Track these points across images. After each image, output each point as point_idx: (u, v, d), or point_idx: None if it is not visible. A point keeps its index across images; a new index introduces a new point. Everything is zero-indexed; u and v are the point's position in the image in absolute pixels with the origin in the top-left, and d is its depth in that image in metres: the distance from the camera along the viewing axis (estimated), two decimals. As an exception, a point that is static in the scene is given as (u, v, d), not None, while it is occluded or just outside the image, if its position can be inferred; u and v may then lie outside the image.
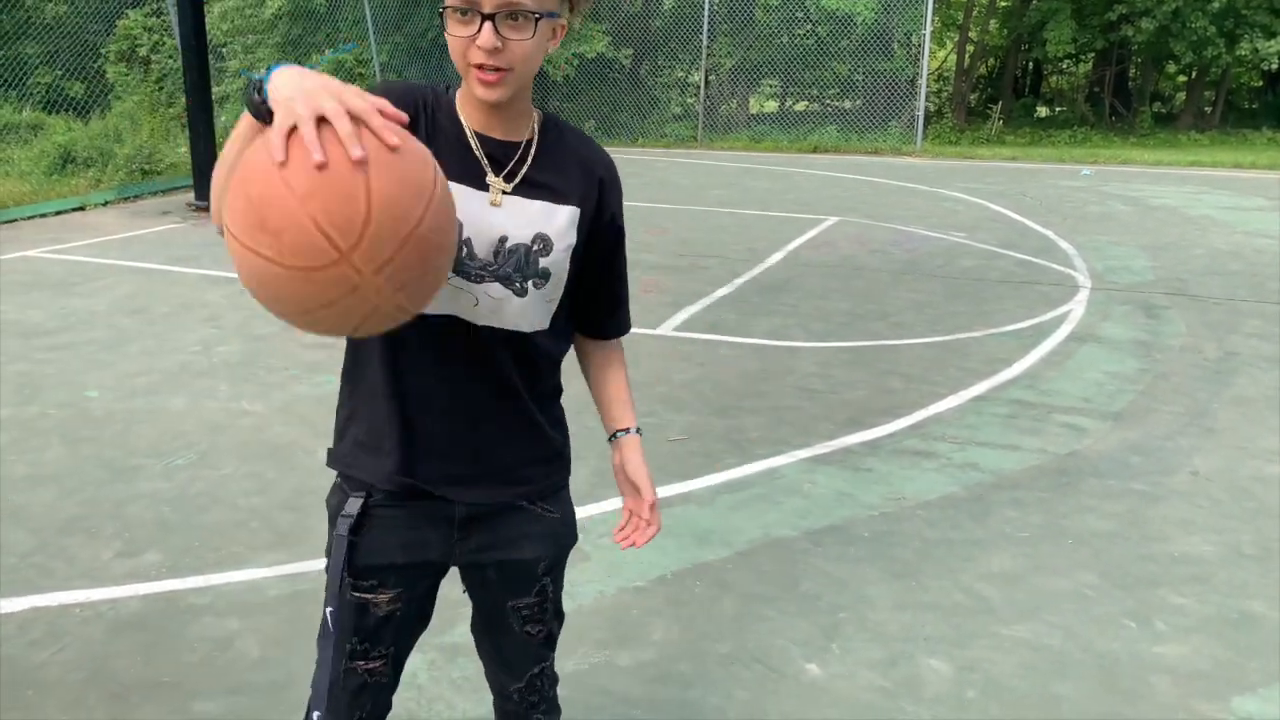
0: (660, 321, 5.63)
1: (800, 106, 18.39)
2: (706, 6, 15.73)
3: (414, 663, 2.56)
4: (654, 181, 11.68)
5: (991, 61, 22.21)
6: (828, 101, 17.91)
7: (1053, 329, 5.69)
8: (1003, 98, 19.45)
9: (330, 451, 1.57)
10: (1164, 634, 2.73)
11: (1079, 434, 4.16)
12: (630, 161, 13.19)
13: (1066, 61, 20.93)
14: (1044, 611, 2.83)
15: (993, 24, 20.29)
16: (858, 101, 16.78)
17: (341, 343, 1.53)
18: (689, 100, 17.16)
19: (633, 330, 1.70)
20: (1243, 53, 16.16)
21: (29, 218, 9.01)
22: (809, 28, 16.68)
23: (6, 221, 8.81)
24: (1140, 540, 3.27)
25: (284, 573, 3.02)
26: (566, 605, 1.69)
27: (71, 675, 2.50)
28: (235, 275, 1.06)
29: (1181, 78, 20.64)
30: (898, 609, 2.84)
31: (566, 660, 2.40)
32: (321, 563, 1.54)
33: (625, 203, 1.59)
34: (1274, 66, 17.01)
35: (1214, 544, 3.24)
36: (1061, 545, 3.22)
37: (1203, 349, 5.35)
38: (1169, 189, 11.53)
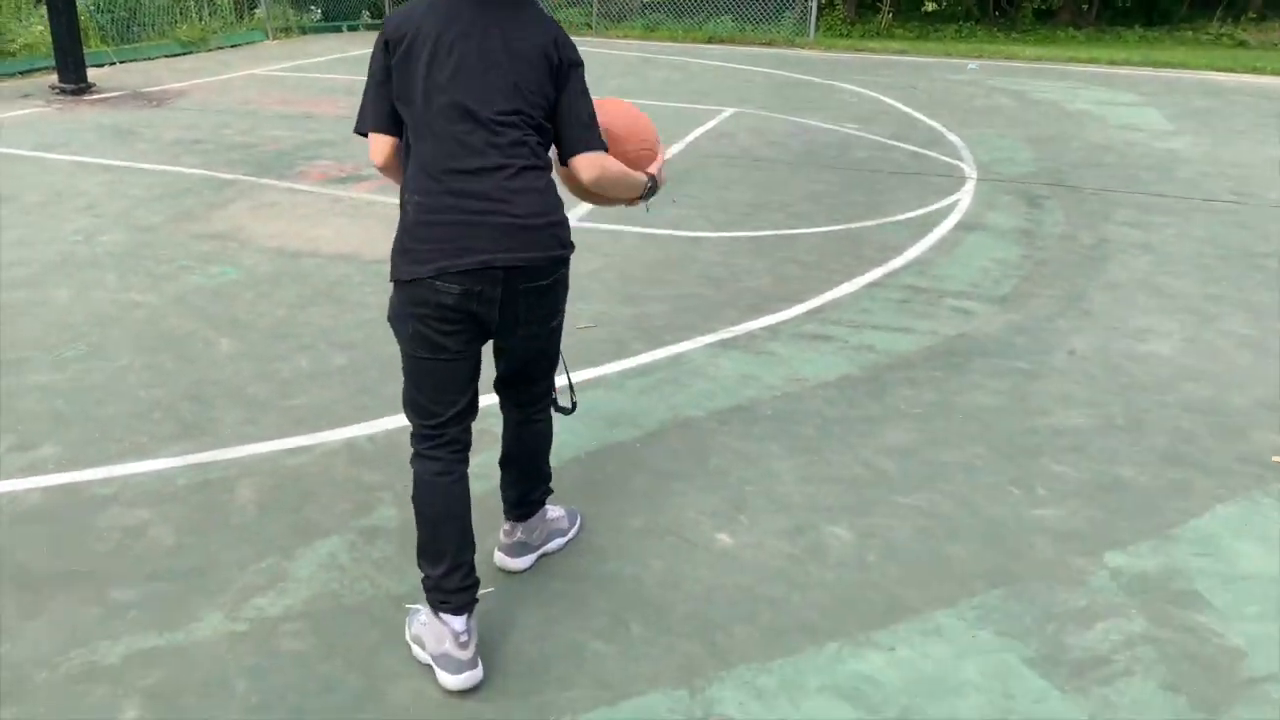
0: (562, 211, 5.59)
1: (694, -6, 18.07)
2: (599, -115, 15.20)
3: (334, 545, 2.59)
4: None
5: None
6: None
7: (942, 218, 5.88)
8: (892, -10, 19.52)
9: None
10: (1044, 499, 2.94)
11: (967, 317, 4.36)
12: (523, 48, 12.82)
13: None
14: (937, 481, 3.01)
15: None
16: (752, -10, 16.59)
17: (235, 231, 1.50)
18: (582, -15, 16.68)
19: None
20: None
21: None
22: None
23: None
24: (1024, 414, 3.48)
25: (191, 462, 2.98)
26: (482, 488, 1.73)
27: (-23, 568, 2.45)
28: (110, 162, 1.03)
29: (1061, -26, 21.01)
30: (801, 482, 2.99)
31: (487, 536, 2.46)
32: (231, 451, 1.54)
33: None
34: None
35: (1089, 416, 3.48)
36: (952, 420, 3.41)
37: (1079, 236, 5.62)
38: (1049, 84, 11.86)
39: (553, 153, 2.15)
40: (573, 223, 2.21)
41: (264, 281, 4.49)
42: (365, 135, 2.11)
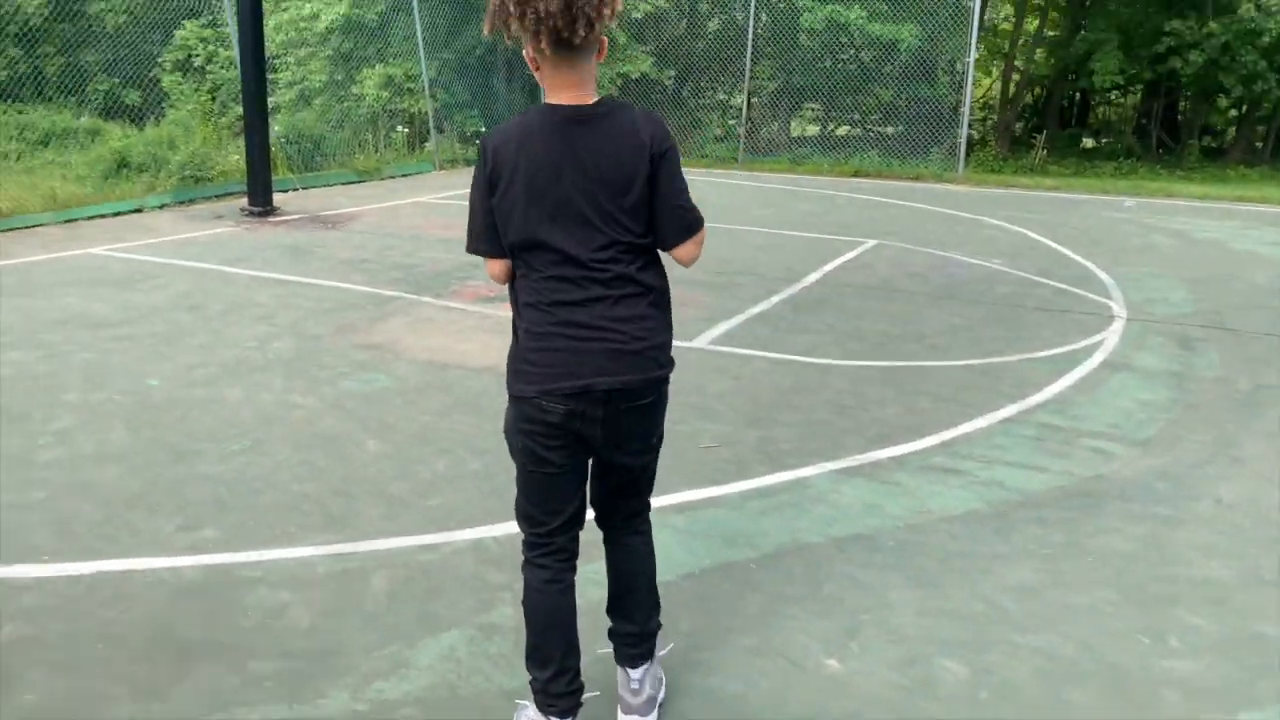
0: (695, 335, 5.77)
1: (842, 130, 18.49)
2: (750, 30, 15.91)
3: (454, 638, 2.72)
4: (693, 200, 11.84)
5: (1038, 91, 22.22)
6: (870, 126, 18.00)
7: (1085, 356, 5.76)
8: (1048, 127, 19.45)
9: None
10: (1177, 650, 2.81)
11: (1106, 458, 4.24)
12: (672, 180, 13.35)
13: (1115, 93, 20.88)
14: (1060, 623, 2.92)
15: (1039, 53, 20.33)
16: (900, 127, 16.85)
17: (391, 343, 1.68)
18: (730, 122, 17.32)
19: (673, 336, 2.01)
20: (1294, 88, 16.07)
21: (89, 218, 9.35)
22: (852, 53, 16.80)
23: (68, 220, 9.15)
24: (1160, 562, 3.35)
25: (333, 552, 3.18)
26: (595, 598, 1.82)
27: (138, 633, 2.68)
28: (286, 278, 1.20)
29: (1233, 112, 20.51)
30: (918, 614, 2.95)
31: (594, 645, 2.54)
32: (369, 544, 1.69)
33: None
34: (1326, 104, 16.90)
35: (1233, 569, 3.31)
36: (1082, 563, 3.31)
37: (1236, 381, 5.40)
38: (1214, 223, 11.51)
39: None
40: (704, 345, 2.38)
41: (413, 390, 4.79)
42: (475, 254, 2.23)
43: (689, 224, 2.23)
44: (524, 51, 2.07)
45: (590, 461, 2.30)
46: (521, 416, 2.17)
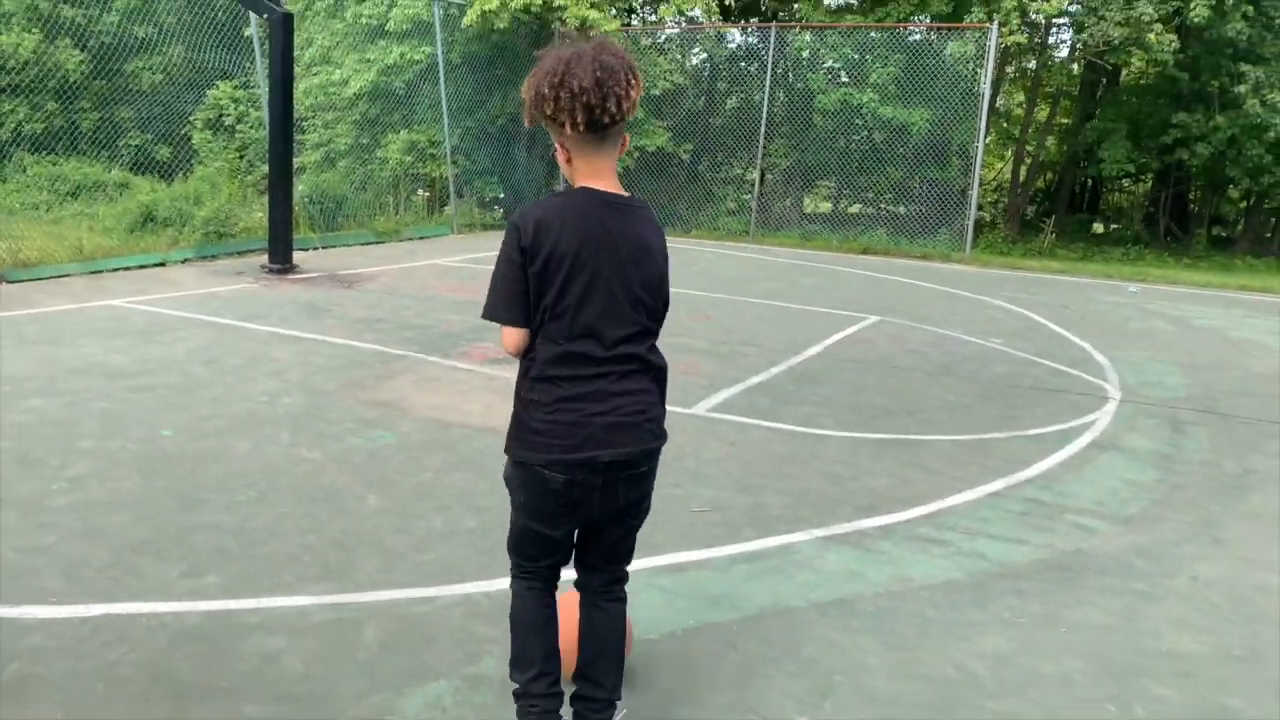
0: (695, 401, 5.92)
1: (854, 209, 18.83)
2: (765, 108, 16.33)
3: (441, 688, 2.82)
4: (703, 271, 12.09)
5: (1049, 176, 22.59)
6: (881, 205, 18.33)
7: (1076, 436, 5.87)
8: (1057, 212, 19.74)
9: None
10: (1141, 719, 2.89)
11: (1087, 534, 4.33)
12: (682, 250, 13.65)
13: (1126, 180, 21.21)
14: (1029, 690, 3.01)
15: (1050, 140, 20.72)
16: (911, 207, 17.17)
17: (398, 401, 1.84)
18: (744, 196, 17.68)
19: (667, 408, 2.21)
20: (1302, 180, 16.33)
21: (114, 270, 9.63)
22: (865, 134, 17.19)
23: (93, 272, 9.43)
24: (1133, 634, 3.43)
25: (329, 601, 3.30)
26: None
27: (138, 675, 2.80)
28: (301, 335, 1.36)
29: (1243, 203, 20.78)
30: (891, 677, 3.04)
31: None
32: (364, 595, 1.83)
33: (675, 290, 2.19)
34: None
35: (1204, 644, 3.39)
36: (1055, 633, 3.40)
37: (1222, 464, 5.49)
38: (1215, 310, 11.65)
39: None
40: (703, 412, 2.56)
41: (415, 447, 4.94)
42: (493, 321, 2.36)
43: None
44: (555, 145, 2.28)
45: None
46: (521, 477, 2.36)
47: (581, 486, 2.29)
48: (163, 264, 10.22)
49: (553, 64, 2.15)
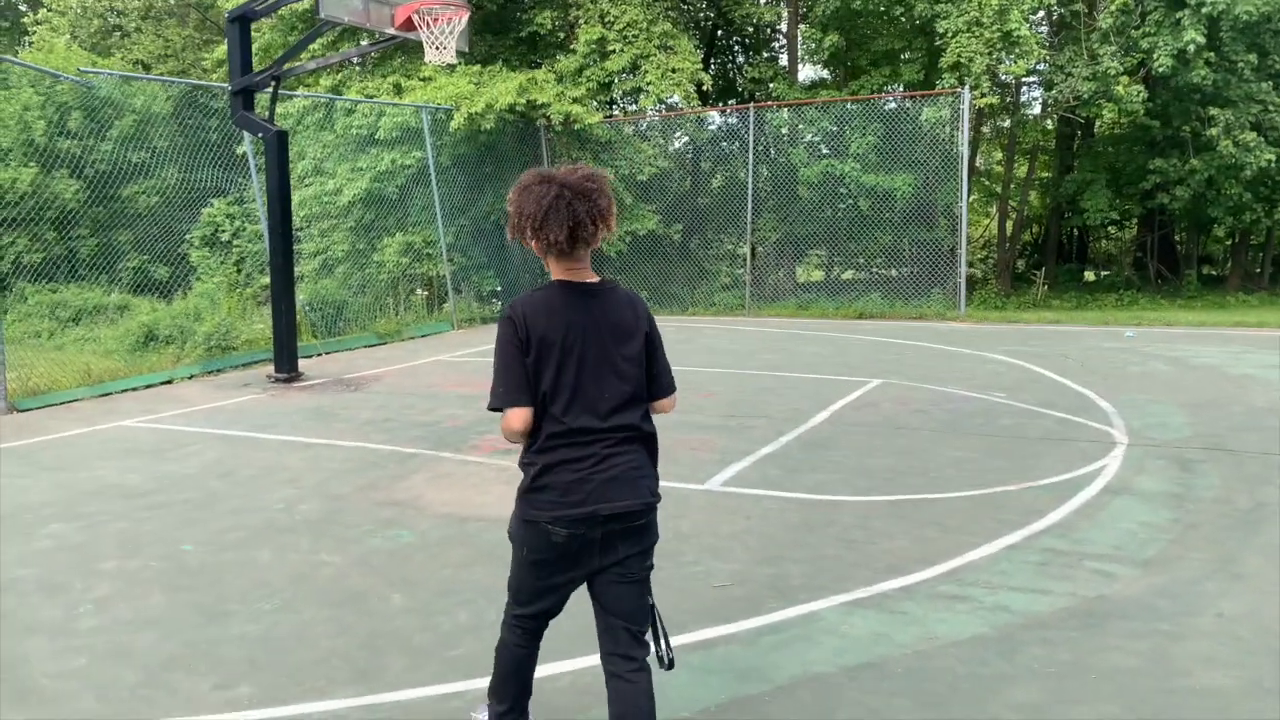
0: (708, 478, 5.97)
1: (847, 275, 19.08)
2: (750, 185, 16.68)
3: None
4: (703, 348, 12.21)
5: (1036, 229, 22.92)
6: (873, 269, 18.57)
7: (1087, 482, 5.90)
8: (1047, 263, 19.99)
9: None
10: (1182, 762, 2.89)
11: (1108, 579, 4.35)
12: (681, 329, 13.81)
13: (1111, 227, 21.52)
14: (1066, 740, 3.01)
15: (1032, 194, 21.09)
16: (902, 269, 17.40)
17: (413, 499, 1.92)
18: (737, 271, 17.93)
19: (681, 485, 2.40)
20: (1283, 215, 16.60)
21: (122, 390, 9.74)
22: (850, 202, 17.51)
23: (102, 394, 9.54)
24: (1164, 675, 3.44)
25: (361, 703, 3.32)
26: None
27: (178, 788, 2.80)
28: (312, 441, 1.46)
29: (1228, 241, 21.05)
30: (927, 737, 3.05)
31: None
32: (395, 695, 1.89)
33: (677, 367, 2.47)
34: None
35: (1235, 679, 3.40)
36: (1085, 680, 3.40)
37: (1235, 500, 5.52)
38: (1211, 349, 11.75)
39: None
40: (716, 487, 2.71)
41: (435, 544, 4.98)
42: (501, 410, 2.60)
43: (671, 381, 2.76)
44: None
45: (585, 585, 2.69)
46: (525, 534, 2.62)
47: (582, 540, 2.57)
48: (169, 381, 10.33)
49: (534, 208, 2.55)
